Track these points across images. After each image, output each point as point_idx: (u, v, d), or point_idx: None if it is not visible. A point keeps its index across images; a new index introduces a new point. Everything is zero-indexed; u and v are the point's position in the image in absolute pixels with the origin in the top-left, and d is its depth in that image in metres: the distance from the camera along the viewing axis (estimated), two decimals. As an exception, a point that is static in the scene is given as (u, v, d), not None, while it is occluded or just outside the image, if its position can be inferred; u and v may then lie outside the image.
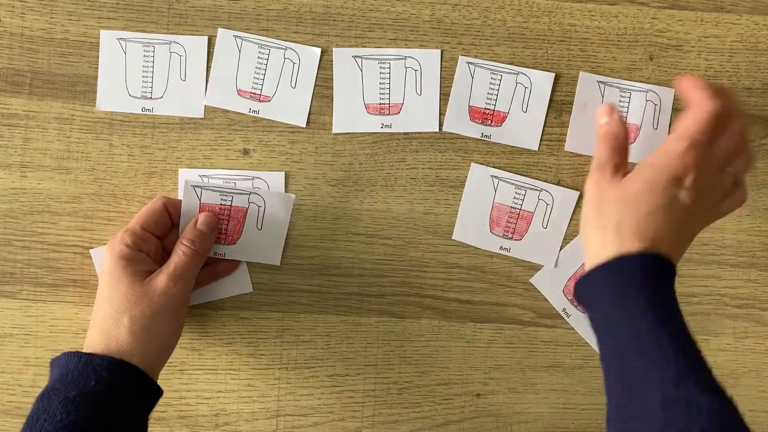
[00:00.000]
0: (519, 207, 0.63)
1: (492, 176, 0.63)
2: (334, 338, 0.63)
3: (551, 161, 0.63)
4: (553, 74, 0.63)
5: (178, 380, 0.62)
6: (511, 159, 0.63)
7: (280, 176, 0.62)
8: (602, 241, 0.52)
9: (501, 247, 0.63)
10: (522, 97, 0.63)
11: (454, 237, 0.63)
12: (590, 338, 0.63)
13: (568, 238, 0.63)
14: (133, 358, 0.54)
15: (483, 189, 0.63)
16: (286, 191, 0.62)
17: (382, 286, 0.63)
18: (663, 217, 0.51)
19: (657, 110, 0.63)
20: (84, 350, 0.54)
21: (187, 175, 0.62)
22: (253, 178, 0.62)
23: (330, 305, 0.63)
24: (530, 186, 0.63)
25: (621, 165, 0.54)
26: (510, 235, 0.63)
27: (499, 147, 0.63)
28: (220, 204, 0.61)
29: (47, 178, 0.62)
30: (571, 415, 0.63)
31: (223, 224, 0.61)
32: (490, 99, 0.63)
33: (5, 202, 0.62)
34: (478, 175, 0.63)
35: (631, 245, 0.50)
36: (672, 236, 0.51)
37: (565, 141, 0.63)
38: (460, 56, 0.63)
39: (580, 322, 0.63)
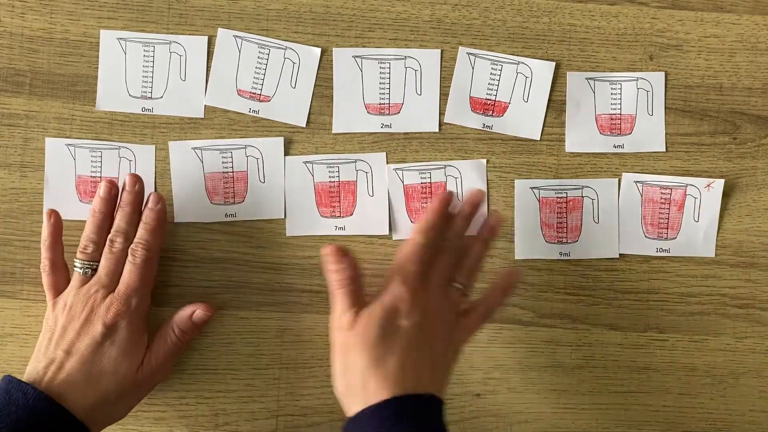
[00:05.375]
0: (336, 180, 0.63)
1: (305, 162, 0.63)
2: (334, 338, 0.63)
3: (551, 161, 0.63)
4: (554, 63, 0.63)
5: (178, 380, 0.62)
6: (510, 159, 0.63)
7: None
8: (351, 393, 0.53)
9: (336, 227, 0.63)
10: (523, 87, 0.63)
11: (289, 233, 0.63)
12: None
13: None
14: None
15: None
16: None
17: (382, 285, 0.63)
18: (397, 353, 0.52)
19: (650, 96, 0.63)
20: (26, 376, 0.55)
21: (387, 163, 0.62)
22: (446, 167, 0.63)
23: (330, 305, 0.63)
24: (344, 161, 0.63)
25: (360, 306, 0.55)
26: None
27: (499, 147, 0.63)
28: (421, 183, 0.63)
29: (47, 178, 0.62)
30: (571, 415, 0.63)
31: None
32: (491, 89, 0.63)
33: (5, 202, 0.62)
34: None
35: (376, 394, 0.51)
36: (414, 371, 0.52)
37: (564, 141, 0.63)
38: (460, 47, 0.63)
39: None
